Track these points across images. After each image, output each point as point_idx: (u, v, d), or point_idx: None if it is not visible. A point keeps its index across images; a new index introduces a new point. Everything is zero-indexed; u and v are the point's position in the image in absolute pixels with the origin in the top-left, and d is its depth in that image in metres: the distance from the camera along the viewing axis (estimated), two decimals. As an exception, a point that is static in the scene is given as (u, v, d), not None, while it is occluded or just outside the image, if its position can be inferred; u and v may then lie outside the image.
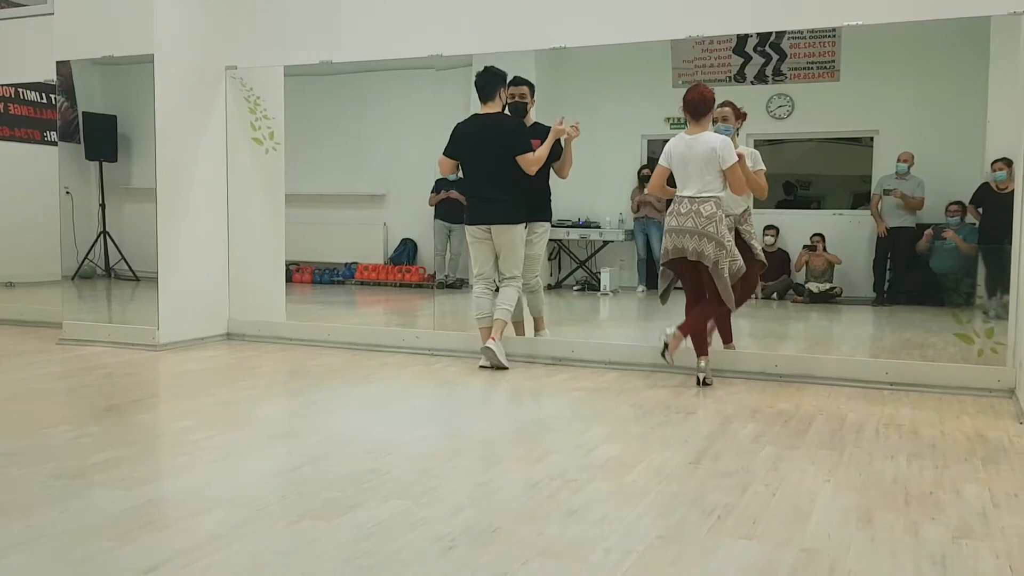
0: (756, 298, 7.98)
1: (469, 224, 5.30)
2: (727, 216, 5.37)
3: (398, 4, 5.78)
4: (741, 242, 5.42)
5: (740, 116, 5.51)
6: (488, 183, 5.20)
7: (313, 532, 2.49)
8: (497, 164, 5.17)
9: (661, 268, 4.95)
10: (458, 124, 5.32)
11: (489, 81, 5.22)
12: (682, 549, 2.40)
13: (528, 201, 5.36)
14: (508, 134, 5.18)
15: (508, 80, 5.49)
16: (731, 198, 5.33)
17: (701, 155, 4.63)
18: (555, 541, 2.44)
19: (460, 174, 5.53)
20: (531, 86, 5.56)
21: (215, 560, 2.28)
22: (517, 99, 5.48)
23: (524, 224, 5.29)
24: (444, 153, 5.33)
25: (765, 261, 5.51)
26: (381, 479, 3.00)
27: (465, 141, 5.27)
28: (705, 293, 4.80)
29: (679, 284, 5.03)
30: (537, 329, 5.71)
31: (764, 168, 5.45)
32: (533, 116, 5.63)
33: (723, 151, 4.63)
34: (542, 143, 5.38)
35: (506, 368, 5.16)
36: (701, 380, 4.72)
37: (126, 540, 2.41)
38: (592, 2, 5.33)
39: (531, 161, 5.16)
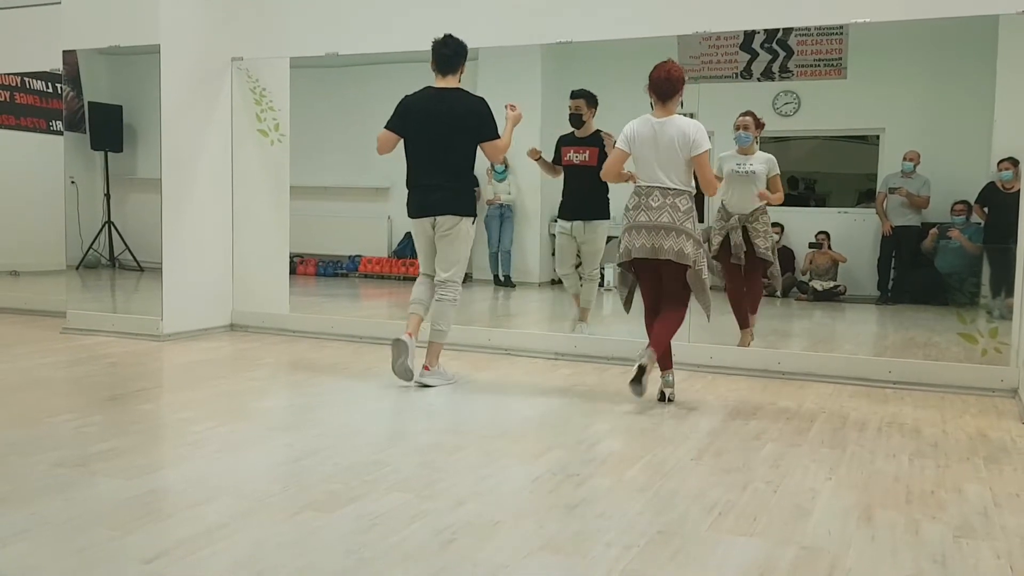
0: (779, 295, 8.10)
1: (411, 217, 4.58)
2: (734, 215, 5.44)
3: (404, -3, 5.78)
4: (747, 240, 5.45)
5: (760, 126, 5.59)
6: (435, 168, 4.48)
7: (314, 524, 2.50)
8: (450, 147, 4.46)
9: (619, 270, 4.35)
10: (407, 96, 4.55)
11: (456, 52, 4.50)
12: (682, 545, 2.40)
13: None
14: (473, 115, 4.45)
15: (571, 92, 5.67)
16: (744, 198, 5.40)
17: (672, 141, 4.09)
18: (556, 535, 2.45)
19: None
20: (588, 97, 5.70)
21: (216, 550, 2.28)
22: (572, 111, 5.55)
23: (472, 218, 4.59)
24: (387, 126, 4.52)
25: (770, 259, 5.50)
26: (383, 471, 3.00)
27: (415, 117, 4.49)
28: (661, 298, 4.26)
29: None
30: (581, 319, 6.03)
31: (779, 172, 5.53)
32: (593, 125, 5.80)
33: (698, 135, 4.08)
34: (599, 151, 5.57)
35: (411, 378, 4.47)
36: (666, 396, 4.23)
37: (128, 529, 2.42)
38: (599, -3, 5.33)
39: (500, 148, 4.56)
